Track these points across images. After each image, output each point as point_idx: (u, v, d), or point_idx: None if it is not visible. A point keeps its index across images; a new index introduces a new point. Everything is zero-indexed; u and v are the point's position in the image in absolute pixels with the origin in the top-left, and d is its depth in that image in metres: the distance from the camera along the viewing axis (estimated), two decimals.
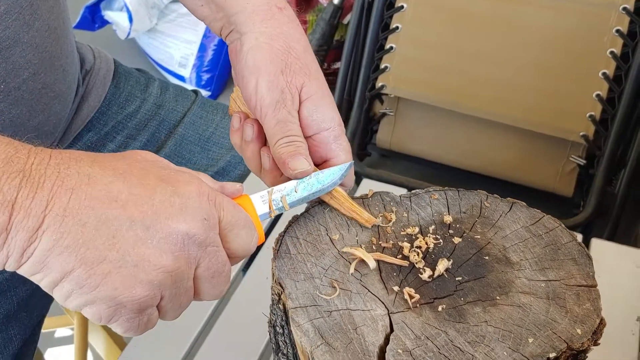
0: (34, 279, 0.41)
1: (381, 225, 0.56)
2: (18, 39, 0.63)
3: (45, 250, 0.39)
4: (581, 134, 1.43)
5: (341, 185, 0.58)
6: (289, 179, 0.56)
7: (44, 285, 0.41)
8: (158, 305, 0.44)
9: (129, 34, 2.18)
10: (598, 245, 0.86)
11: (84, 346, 1.17)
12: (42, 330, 0.86)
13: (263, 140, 0.58)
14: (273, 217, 0.54)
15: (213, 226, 0.45)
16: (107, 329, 1.21)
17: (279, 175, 0.58)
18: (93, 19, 2.21)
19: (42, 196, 0.39)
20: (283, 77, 0.56)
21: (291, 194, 0.55)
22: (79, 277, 0.40)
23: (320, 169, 0.57)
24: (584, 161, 1.47)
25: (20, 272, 0.41)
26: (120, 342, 1.24)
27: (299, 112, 0.56)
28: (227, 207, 0.47)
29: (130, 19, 2.13)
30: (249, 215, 0.50)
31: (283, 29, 0.58)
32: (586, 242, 0.83)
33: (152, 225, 0.42)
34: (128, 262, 0.41)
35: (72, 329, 1.23)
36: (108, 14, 2.20)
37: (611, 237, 1.47)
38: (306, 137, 0.57)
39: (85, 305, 0.42)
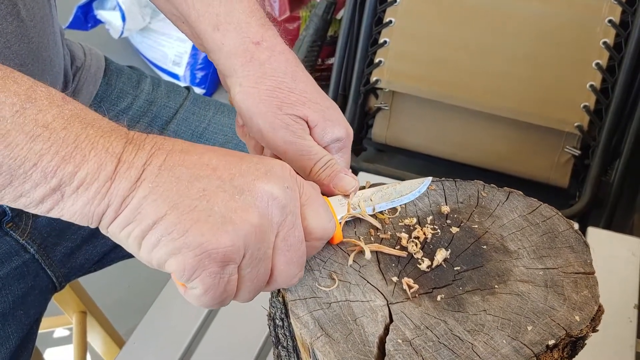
0: (125, 231, 0.43)
1: (379, 216, 0.56)
2: (2, 30, 0.63)
3: (141, 197, 0.42)
4: (576, 124, 1.44)
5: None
6: None
7: (134, 236, 0.43)
8: (239, 267, 0.45)
9: (122, 33, 2.17)
10: (595, 234, 0.86)
11: (83, 345, 1.17)
12: (41, 331, 0.85)
13: None
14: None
15: (294, 196, 0.47)
16: (105, 327, 1.21)
17: None
18: (86, 18, 2.20)
19: (143, 154, 0.43)
20: (282, 113, 0.56)
21: (367, 201, 0.56)
22: (170, 222, 0.42)
23: None
24: (579, 152, 1.48)
25: (114, 225, 0.43)
26: (119, 341, 1.24)
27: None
28: (307, 186, 0.49)
29: (123, 18, 2.13)
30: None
31: (266, 67, 0.58)
32: (583, 231, 0.84)
33: (240, 184, 0.45)
34: (216, 213, 0.43)
35: (71, 328, 1.22)
36: (101, 13, 2.19)
37: (607, 226, 1.47)
38: None
39: (172, 255, 0.43)
